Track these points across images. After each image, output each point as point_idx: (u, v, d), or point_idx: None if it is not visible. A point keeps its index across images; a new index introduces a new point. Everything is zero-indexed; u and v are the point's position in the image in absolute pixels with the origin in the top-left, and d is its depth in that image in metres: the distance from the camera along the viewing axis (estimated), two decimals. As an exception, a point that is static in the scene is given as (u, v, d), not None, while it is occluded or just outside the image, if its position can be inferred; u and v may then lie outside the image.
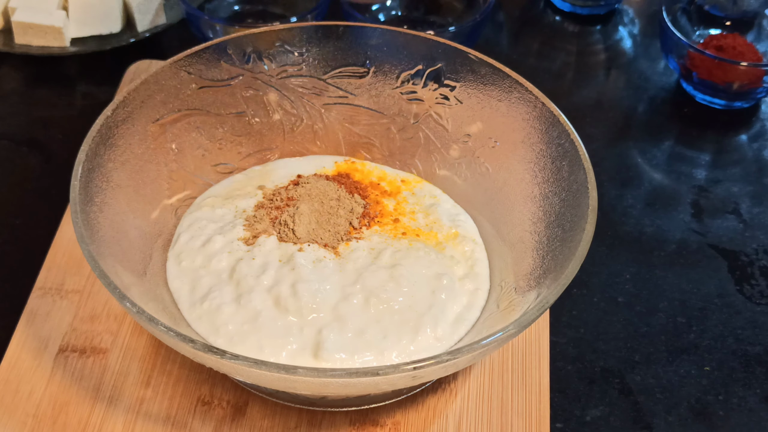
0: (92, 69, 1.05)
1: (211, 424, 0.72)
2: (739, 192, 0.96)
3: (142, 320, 0.62)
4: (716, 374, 0.80)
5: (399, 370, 0.60)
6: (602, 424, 0.76)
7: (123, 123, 0.75)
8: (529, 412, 0.73)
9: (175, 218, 0.79)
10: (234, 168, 0.84)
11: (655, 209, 0.93)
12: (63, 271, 0.80)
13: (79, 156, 0.70)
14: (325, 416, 0.73)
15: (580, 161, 0.72)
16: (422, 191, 0.83)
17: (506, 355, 0.76)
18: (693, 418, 0.77)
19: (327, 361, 0.68)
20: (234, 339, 0.70)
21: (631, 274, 0.87)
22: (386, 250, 0.75)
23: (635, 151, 0.99)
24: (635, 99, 1.05)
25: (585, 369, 0.80)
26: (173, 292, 0.74)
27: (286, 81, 0.84)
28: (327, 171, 0.84)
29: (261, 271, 0.73)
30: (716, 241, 0.91)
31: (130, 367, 0.75)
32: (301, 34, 0.83)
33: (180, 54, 0.79)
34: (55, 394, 0.73)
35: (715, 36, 1.03)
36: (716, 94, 1.01)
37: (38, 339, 0.76)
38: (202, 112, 0.81)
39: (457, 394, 0.74)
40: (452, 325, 0.72)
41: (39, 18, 1.02)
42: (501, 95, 0.79)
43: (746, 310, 0.85)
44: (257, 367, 0.60)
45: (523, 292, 0.72)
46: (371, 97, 0.85)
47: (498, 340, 0.63)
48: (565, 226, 0.72)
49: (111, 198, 0.73)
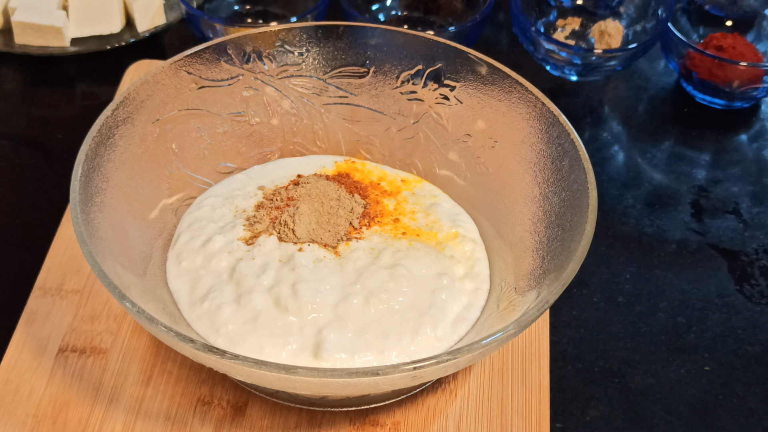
0: (92, 69, 1.05)
1: (211, 424, 0.72)
2: (739, 192, 0.96)
3: (142, 320, 0.62)
4: (716, 374, 0.80)
5: (399, 370, 0.60)
6: (602, 424, 0.76)
7: (123, 123, 0.75)
8: (529, 412, 0.73)
9: (175, 218, 0.79)
10: (234, 168, 0.84)
11: (655, 209, 0.93)
12: (63, 271, 0.80)
13: (79, 156, 0.70)
14: (325, 416, 0.73)
15: (580, 161, 0.72)
16: (422, 191, 0.83)
17: (506, 355, 0.76)
18: (693, 418, 0.77)
19: (327, 361, 0.68)
20: (234, 339, 0.70)
21: (631, 274, 0.87)
22: (386, 250, 0.75)
23: (635, 151, 0.99)
24: (635, 99, 1.05)
25: (585, 369, 0.80)
26: (173, 292, 0.74)
27: (286, 81, 0.84)
28: (327, 171, 0.84)
29: (261, 271, 0.73)
30: (716, 241, 0.91)
31: (130, 367, 0.75)
32: (301, 34, 0.83)
33: (180, 54, 0.79)
34: (55, 394, 0.73)
35: (715, 36, 1.03)
36: (716, 94, 1.01)
37: (38, 339, 0.76)
38: (202, 112, 0.81)
39: (457, 394, 0.74)
40: (452, 325, 0.72)
41: (39, 18, 1.02)
42: (501, 95, 0.79)
43: (746, 310, 0.85)
44: (257, 367, 0.60)
45: (523, 292, 0.72)
46: (371, 97, 0.85)
47: (498, 340, 0.63)
48: (565, 226, 0.72)
49: (111, 198, 0.73)
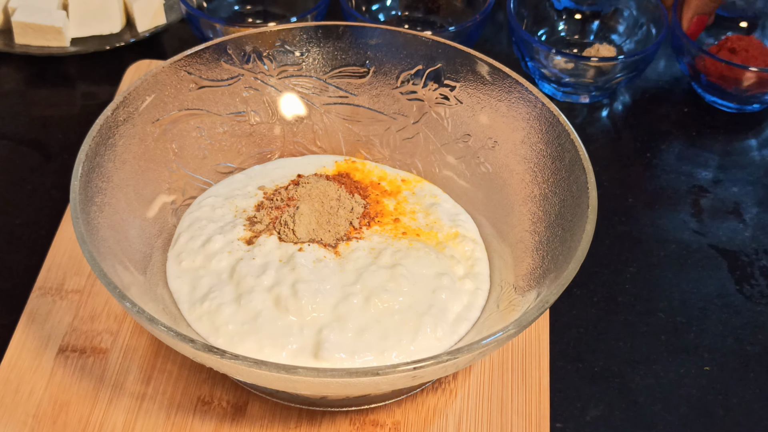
0: (92, 69, 1.05)
1: (211, 424, 0.72)
2: (739, 192, 0.96)
3: (142, 320, 0.62)
4: (716, 374, 0.80)
5: (399, 370, 0.60)
6: (602, 424, 0.76)
7: (123, 123, 0.75)
8: (529, 412, 0.73)
9: (175, 218, 0.79)
10: (234, 168, 0.84)
11: (655, 209, 0.93)
12: (63, 271, 0.80)
13: (79, 156, 0.70)
14: (325, 416, 0.73)
15: (580, 161, 0.72)
16: (422, 191, 0.83)
17: (506, 355, 0.76)
18: (693, 418, 0.77)
19: (327, 361, 0.68)
20: (234, 339, 0.70)
21: (631, 274, 0.87)
22: (386, 250, 0.75)
23: (635, 151, 0.99)
24: (636, 99, 1.05)
25: (585, 369, 0.80)
26: (173, 292, 0.74)
27: (286, 81, 0.84)
28: (327, 171, 0.84)
29: (261, 271, 0.73)
30: (716, 241, 0.91)
31: (130, 367, 0.75)
32: (301, 34, 0.83)
33: (180, 54, 0.79)
34: (55, 393, 0.73)
35: (729, 38, 1.02)
36: (726, 96, 1.00)
37: (38, 339, 0.76)
38: (202, 112, 0.81)
39: (457, 394, 0.74)
40: (452, 325, 0.72)
41: (39, 18, 1.02)
42: (501, 95, 0.79)
43: (746, 310, 0.85)
44: (257, 367, 0.60)
45: (523, 292, 0.72)
46: (371, 97, 0.85)
47: (498, 340, 0.63)
48: (565, 226, 0.72)
49: (111, 198, 0.73)
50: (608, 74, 0.98)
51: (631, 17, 1.05)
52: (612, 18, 1.06)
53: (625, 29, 1.05)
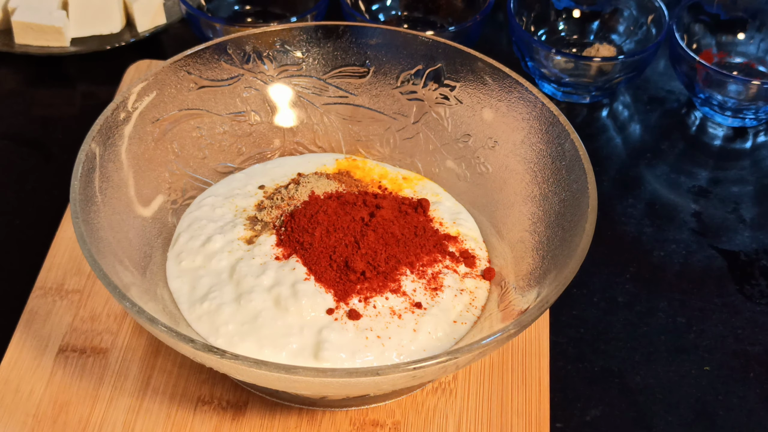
0: (92, 69, 1.05)
1: (211, 424, 0.72)
2: (740, 192, 0.96)
3: (142, 320, 0.62)
4: (716, 374, 0.80)
5: (399, 370, 0.60)
6: (602, 424, 0.76)
7: (123, 123, 0.75)
8: (529, 412, 0.73)
9: (174, 218, 0.79)
10: (234, 168, 0.84)
11: (655, 209, 0.93)
12: (63, 271, 0.80)
13: (79, 156, 0.70)
14: (325, 416, 0.73)
15: (580, 161, 0.72)
16: (424, 189, 0.83)
17: (506, 355, 0.76)
18: (693, 418, 0.77)
19: (327, 361, 0.68)
20: (234, 339, 0.70)
21: (631, 274, 0.87)
22: (386, 250, 0.75)
23: (635, 151, 0.99)
24: (636, 99, 1.05)
25: (585, 369, 0.80)
26: (173, 291, 0.74)
27: (286, 81, 0.84)
28: (327, 169, 0.84)
29: (261, 271, 0.73)
30: (716, 241, 0.91)
31: (130, 367, 0.75)
32: (301, 34, 0.83)
33: (180, 54, 0.79)
34: (55, 393, 0.73)
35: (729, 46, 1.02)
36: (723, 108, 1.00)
37: (38, 339, 0.76)
38: (202, 112, 0.81)
39: (457, 394, 0.74)
40: (452, 325, 0.72)
41: (39, 18, 1.02)
42: (501, 95, 0.79)
43: (746, 310, 0.85)
44: (257, 367, 0.60)
45: (523, 292, 0.72)
46: (371, 97, 0.85)
47: (498, 340, 0.63)
48: (565, 226, 0.72)
49: (111, 198, 0.73)
50: (608, 74, 0.98)
51: (631, 17, 1.04)
52: (612, 18, 1.06)
53: (625, 29, 1.05)
